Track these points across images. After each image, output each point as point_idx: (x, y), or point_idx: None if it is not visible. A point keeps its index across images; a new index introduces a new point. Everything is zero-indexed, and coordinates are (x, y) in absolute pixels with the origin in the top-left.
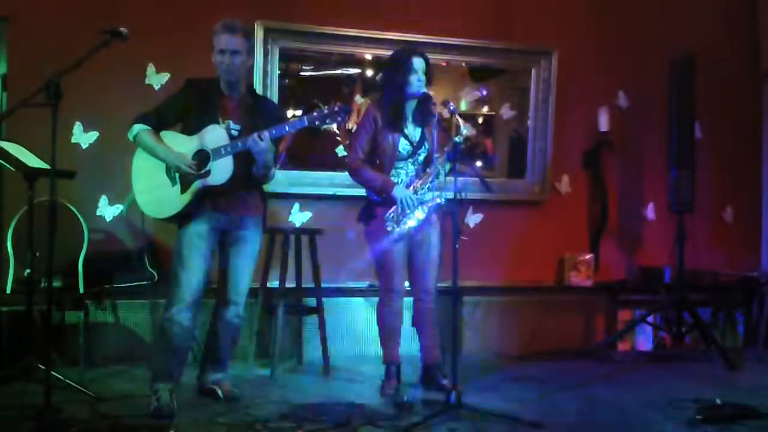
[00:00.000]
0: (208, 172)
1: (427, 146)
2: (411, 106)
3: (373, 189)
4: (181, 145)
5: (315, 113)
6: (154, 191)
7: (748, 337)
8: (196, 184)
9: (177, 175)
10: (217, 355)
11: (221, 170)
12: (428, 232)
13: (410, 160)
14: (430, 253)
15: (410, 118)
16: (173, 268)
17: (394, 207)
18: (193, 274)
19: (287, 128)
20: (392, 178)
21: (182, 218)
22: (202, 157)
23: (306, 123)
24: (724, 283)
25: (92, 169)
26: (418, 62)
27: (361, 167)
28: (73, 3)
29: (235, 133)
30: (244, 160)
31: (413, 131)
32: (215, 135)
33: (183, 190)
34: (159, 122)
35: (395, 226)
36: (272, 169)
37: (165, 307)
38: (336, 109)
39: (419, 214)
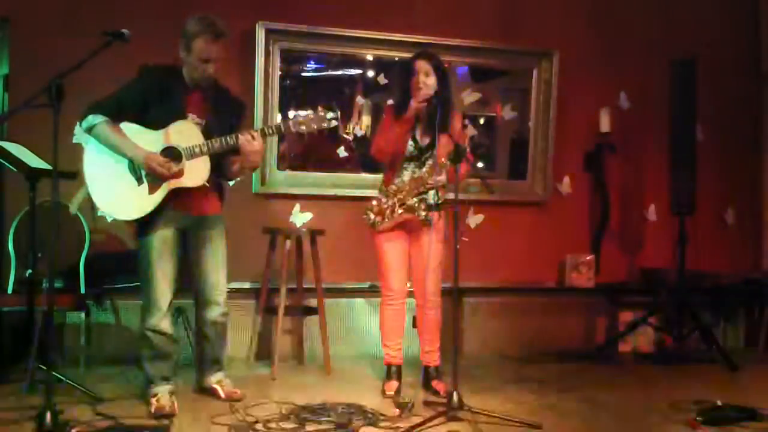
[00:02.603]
0: (182, 172)
1: (433, 152)
2: (423, 109)
3: (390, 138)
4: (147, 141)
5: (294, 119)
6: (117, 191)
7: (749, 339)
8: (168, 185)
9: (143, 173)
10: (212, 355)
11: (197, 171)
12: (429, 239)
13: (414, 162)
14: (429, 260)
15: (421, 122)
16: (144, 276)
17: (376, 200)
18: (166, 280)
19: (268, 131)
20: (396, 178)
21: (145, 222)
22: (174, 156)
23: (282, 129)
24: (725, 285)
25: None
26: (419, 65)
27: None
28: (75, 4)
29: (198, 127)
30: (214, 159)
31: (422, 135)
32: (187, 132)
33: (151, 191)
34: (119, 113)
35: (373, 217)
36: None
37: (144, 316)
38: (321, 114)
39: (405, 208)
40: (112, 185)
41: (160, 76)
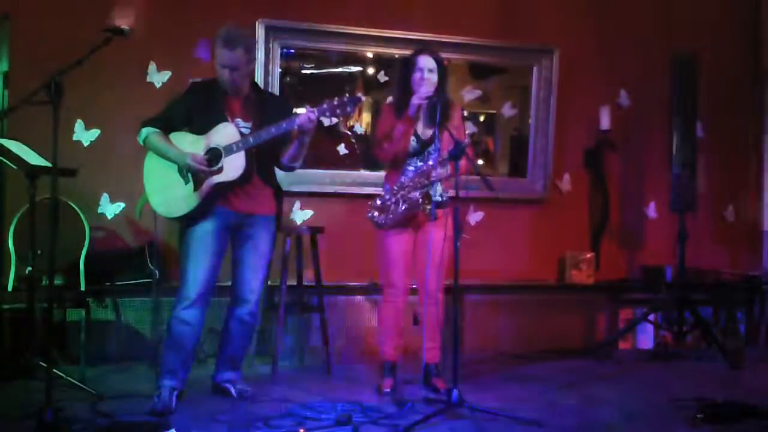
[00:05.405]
0: (221, 169)
1: (437, 146)
2: (425, 104)
3: (394, 137)
4: (191, 144)
5: (325, 104)
6: (167, 191)
7: (749, 336)
8: (209, 182)
9: (189, 174)
10: (231, 353)
11: (233, 166)
12: (431, 234)
13: (418, 158)
14: (432, 255)
15: (423, 117)
16: (181, 266)
17: (380, 197)
18: (200, 271)
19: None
20: (401, 175)
21: (193, 217)
22: (215, 155)
23: (317, 114)
24: (725, 282)
25: (93, 167)
26: (423, 60)
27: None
28: (75, 1)
29: (246, 131)
30: (257, 156)
31: (424, 130)
32: (226, 132)
33: (196, 188)
34: (167, 126)
35: (377, 215)
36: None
37: (173, 305)
38: (345, 100)
39: (410, 202)
40: (165, 188)
41: (202, 90)
